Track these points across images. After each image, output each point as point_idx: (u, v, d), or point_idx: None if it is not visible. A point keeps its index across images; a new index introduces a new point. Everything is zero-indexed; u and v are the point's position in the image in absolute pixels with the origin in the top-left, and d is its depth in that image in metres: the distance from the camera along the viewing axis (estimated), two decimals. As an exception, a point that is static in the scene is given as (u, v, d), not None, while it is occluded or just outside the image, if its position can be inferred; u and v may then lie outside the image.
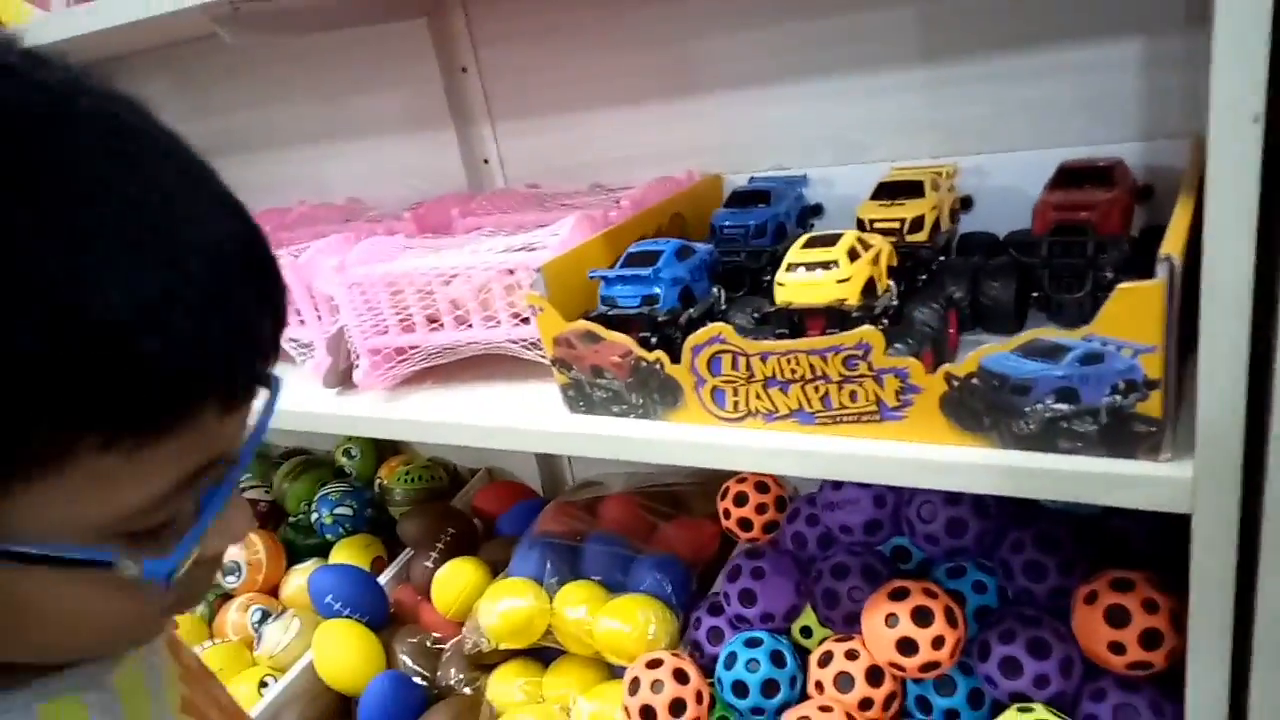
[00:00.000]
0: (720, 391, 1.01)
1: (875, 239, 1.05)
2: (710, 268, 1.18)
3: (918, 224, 1.15)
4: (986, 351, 0.85)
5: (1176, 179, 1.16)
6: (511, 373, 1.26)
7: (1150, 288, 0.76)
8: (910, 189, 1.20)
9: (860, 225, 1.18)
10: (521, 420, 1.17)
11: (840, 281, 0.97)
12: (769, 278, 1.23)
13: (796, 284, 0.99)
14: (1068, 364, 0.81)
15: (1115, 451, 0.82)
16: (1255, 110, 0.66)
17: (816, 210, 1.40)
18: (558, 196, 1.54)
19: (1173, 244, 0.78)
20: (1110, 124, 1.21)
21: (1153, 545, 1.19)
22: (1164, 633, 1.00)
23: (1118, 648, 1.02)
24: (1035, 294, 1.10)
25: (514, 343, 1.23)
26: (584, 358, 1.09)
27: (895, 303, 1.05)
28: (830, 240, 1.01)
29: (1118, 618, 1.03)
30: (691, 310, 1.11)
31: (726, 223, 1.28)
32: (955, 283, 1.13)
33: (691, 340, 0.99)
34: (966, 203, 1.28)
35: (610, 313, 1.08)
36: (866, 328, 0.89)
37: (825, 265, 0.98)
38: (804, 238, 1.04)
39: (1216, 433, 0.76)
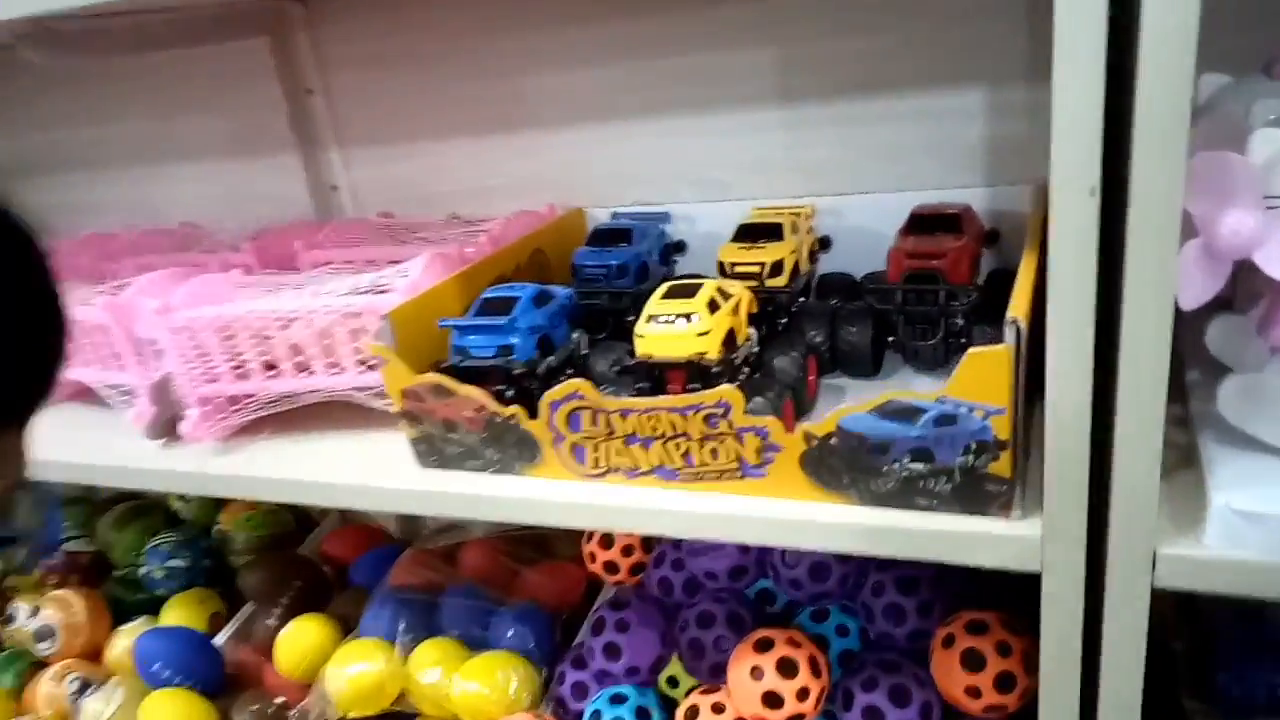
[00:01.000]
0: (580, 448, 0.97)
1: (735, 287, 1.03)
2: (570, 312, 1.14)
3: (777, 268, 1.15)
4: (845, 412, 0.84)
5: (1020, 223, 1.20)
6: (358, 422, 1.19)
7: (998, 353, 0.76)
8: (770, 231, 1.20)
9: (721, 268, 1.17)
10: (368, 476, 1.09)
11: (700, 335, 0.94)
12: (632, 318, 1.20)
13: (656, 336, 0.96)
14: (923, 425, 0.81)
15: (969, 509, 0.83)
16: (1091, 183, 0.67)
17: (679, 248, 1.38)
18: (412, 228, 1.47)
19: (1018, 306, 0.79)
20: (958, 169, 1.24)
21: (1008, 577, 1.22)
22: (1017, 675, 1.02)
23: (974, 692, 1.03)
24: (891, 339, 1.12)
25: (360, 391, 1.16)
26: (435, 411, 1.03)
27: (756, 349, 1.03)
28: (690, 290, 0.99)
29: (973, 661, 1.04)
30: (551, 358, 1.07)
31: (588, 262, 1.25)
32: (814, 327, 1.13)
33: (549, 396, 0.95)
34: (825, 243, 1.29)
35: (463, 364, 1.03)
36: (726, 387, 0.87)
37: (685, 317, 0.95)
38: (664, 287, 1.02)
39: (1063, 491, 0.77)
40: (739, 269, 1.15)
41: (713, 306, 0.97)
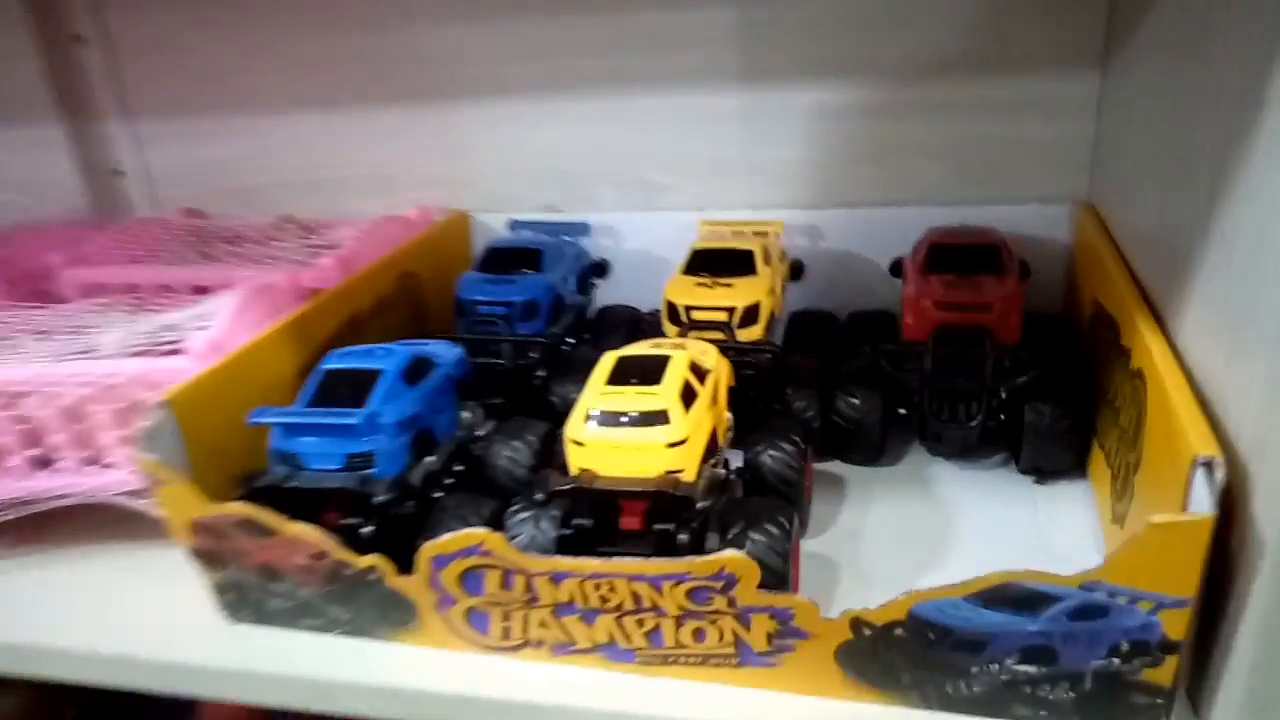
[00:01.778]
0: (481, 615, 0.62)
1: (708, 357, 0.71)
2: (458, 382, 0.78)
3: (751, 315, 0.83)
4: (920, 597, 0.53)
5: (1058, 254, 0.93)
6: (132, 538, 0.79)
7: (1195, 524, 0.47)
8: (736, 261, 0.87)
9: (672, 313, 0.84)
10: (142, 635, 0.71)
11: (674, 445, 0.61)
12: (543, 375, 0.86)
13: (606, 446, 0.62)
14: (1050, 618, 0.51)
15: (1096, 727, 0.54)
16: None
17: (601, 270, 1.04)
18: (228, 235, 1.06)
19: (1200, 440, 0.50)
20: (971, 179, 0.95)
21: None
22: None
23: None
24: (903, 410, 0.81)
25: (133, 495, 0.77)
26: (248, 554, 0.65)
27: (735, 466, 0.71)
28: (651, 369, 0.65)
29: None
30: (431, 459, 0.71)
31: (480, 297, 0.89)
32: (803, 396, 0.81)
33: (431, 550, 0.60)
34: (797, 271, 0.97)
35: (291, 482, 0.65)
36: (731, 554, 0.54)
37: (649, 417, 0.61)
38: (609, 360, 0.68)
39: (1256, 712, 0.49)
40: (698, 315, 0.82)
41: (687, 396, 0.63)
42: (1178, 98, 0.66)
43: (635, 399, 0.62)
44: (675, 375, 0.64)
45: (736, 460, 0.73)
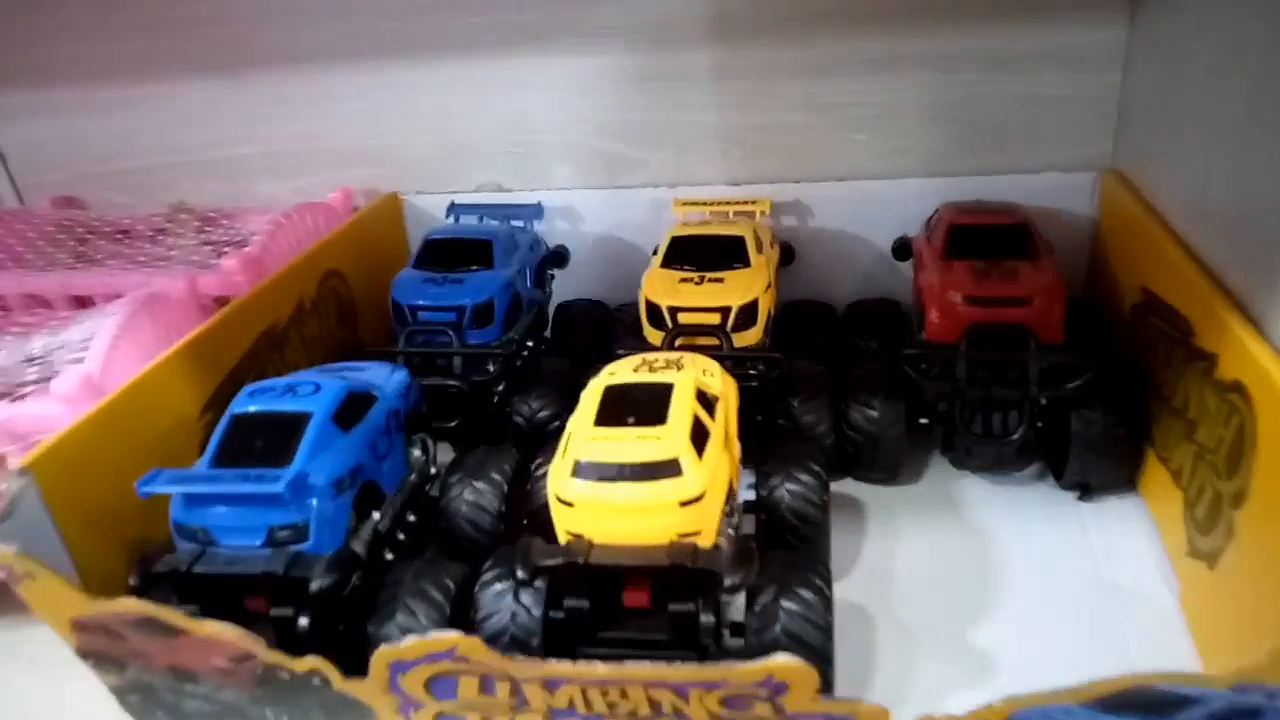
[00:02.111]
0: (453, 721, 0.50)
1: (713, 378, 0.58)
2: (406, 415, 0.64)
3: (748, 315, 0.71)
4: (1022, 704, 0.42)
5: (1081, 230, 0.82)
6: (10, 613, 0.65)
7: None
8: (723, 250, 0.75)
9: (654, 314, 0.71)
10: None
11: (689, 503, 0.49)
12: (500, 393, 0.72)
13: (601, 508, 0.49)
14: (1186, 722, 0.40)
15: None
16: None
17: (560, 259, 0.90)
18: (108, 230, 0.89)
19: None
20: (982, 147, 0.84)
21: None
22: None
23: None
24: (925, 420, 0.71)
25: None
26: (151, 655, 0.51)
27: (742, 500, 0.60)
28: (652, 405, 0.53)
29: None
30: (377, 519, 0.57)
31: (422, 301, 0.75)
32: (811, 409, 0.70)
33: (389, 655, 0.47)
34: (787, 255, 0.86)
35: (199, 568, 0.51)
36: (783, 661, 0.42)
37: (655, 470, 0.49)
38: (595, 393, 0.55)
39: None
40: (687, 318, 0.70)
41: (699, 436, 0.51)
42: (1223, 41, 0.55)
43: (636, 444, 0.50)
44: (682, 409, 0.52)
45: (743, 490, 0.61)
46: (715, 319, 0.70)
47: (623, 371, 0.58)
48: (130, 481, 0.53)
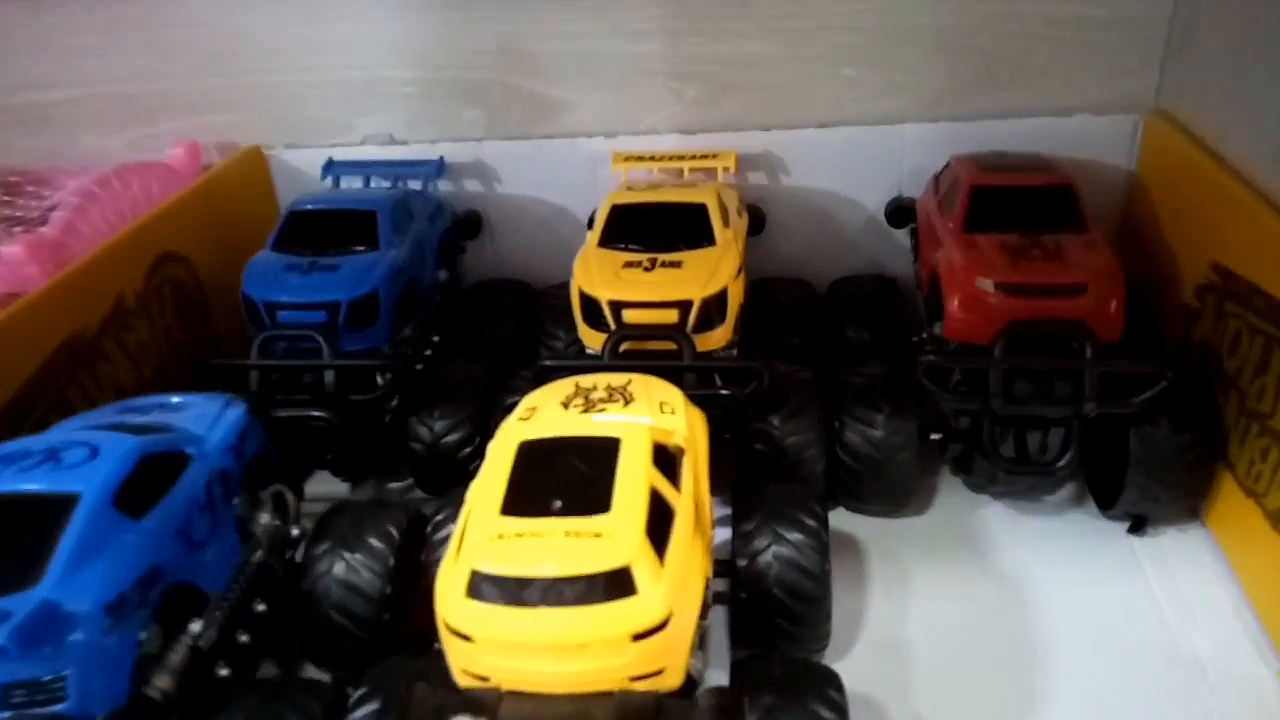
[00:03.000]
0: None
1: (673, 415, 0.42)
2: (235, 478, 0.46)
3: (714, 310, 0.54)
4: None
5: (1116, 183, 0.67)
6: None
7: None
8: (679, 222, 0.58)
9: (591, 310, 0.54)
10: None
11: (645, 636, 0.32)
12: (391, 409, 0.55)
13: (514, 646, 0.32)
14: None
15: None
16: None
17: (471, 228, 0.72)
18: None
19: None
20: (996, 84, 0.67)
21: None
22: None
23: None
24: (937, 436, 0.55)
25: None
26: None
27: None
28: (589, 478, 0.35)
29: None
30: (194, 631, 0.40)
31: (282, 297, 0.56)
32: (798, 428, 0.54)
33: None
34: (756, 222, 0.68)
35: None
36: None
37: (595, 588, 0.32)
38: (504, 456, 0.38)
39: None
40: (634, 315, 0.53)
41: (659, 523, 0.34)
42: None
43: (565, 545, 0.33)
44: (634, 482, 0.35)
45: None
46: (672, 317, 0.53)
47: (547, 412, 0.41)
48: None
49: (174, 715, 0.38)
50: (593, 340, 0.55)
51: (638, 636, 0.32)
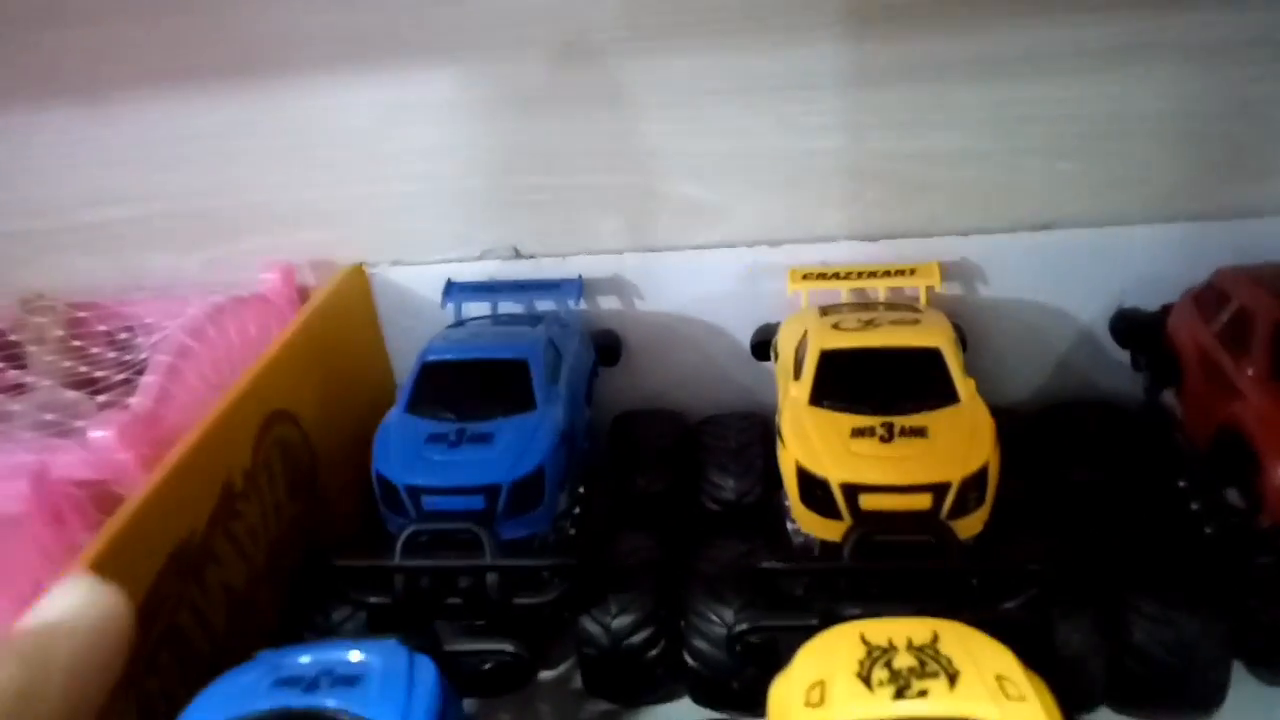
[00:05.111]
0: None
1: (1024, 703, 0.31)
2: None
3: (969, 494, 0.43)
4: None
5: None
6: None
7: None
8: (910, 373, 0.47)
9: (809, 487, 0.44)
10: None
11: None
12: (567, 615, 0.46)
13: None
14: None
15: None
16: None
17: (609, 354, 0.62)
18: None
19: None
20: (1238, 178, 0.56)
21: None
22: None
23: None
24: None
25: None
26: None
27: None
28: None
29: None
30: None
31: (428, 481, 0.46)
32: (1072, 631, 0.43)
33: None
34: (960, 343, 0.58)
35: None
36: None
37: None
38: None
39: None
40: (875, 502, 0.42)
41: None
42: None
43: None
44: None
45: None
46: (924, 502, 0.43)
47: (843, 695, 0.31)
48: None
49: None
50: (814, 526, 0.45)
51: None
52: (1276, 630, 0.44)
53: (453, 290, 0.60)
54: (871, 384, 0.47)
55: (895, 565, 0.41)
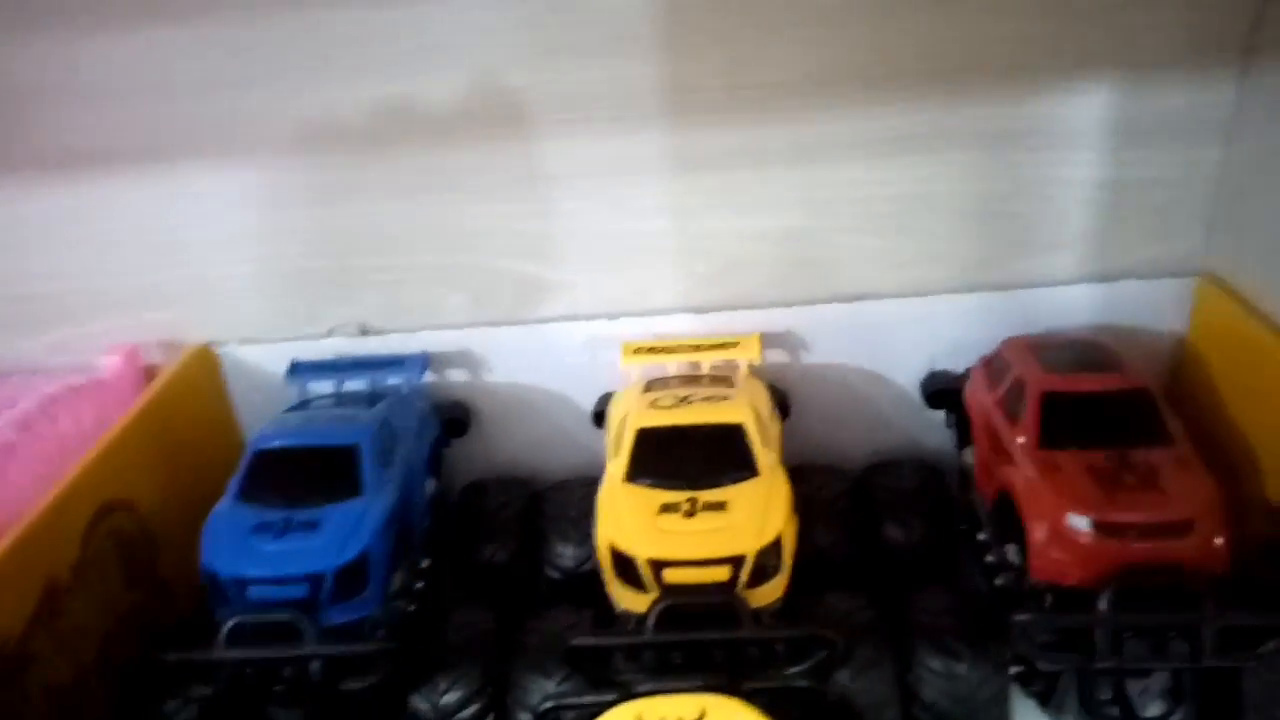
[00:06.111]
0: None
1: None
2: None
3: (767, 564, 0.46)
4: None
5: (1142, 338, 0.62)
6: None
7: None
8: (714, 448, 0.50)
9: (625, 568, 0.46)
10: None
11: None
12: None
13: None
14: None
15: None
16: None
17: (457, 427, 0.63)
18: None
19: None
20: (1031, 251, 0.62)
21: None
22: None
23: None
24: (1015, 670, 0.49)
25: None
26: None
27: None
28: None
29: None
30: None
31: (253, 572, 0.47)
32: (867, 683, 0.46)
33: None
34: (782, 408, 0.61)
35: None
36: None
37: None
38: None
39: None
40: (677, 575, 0.45)
41: None
42: None
43: None
44: None
45: None
46: (722, 575, 0.45)
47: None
48: None
49: None
50: (627, 600, 0.47)
51: None
52: (1053, 676, 0.48)
53: (297, 370, 0.62)
54: (681, 460, 0.50)
55: (687, 637, 0.44)
